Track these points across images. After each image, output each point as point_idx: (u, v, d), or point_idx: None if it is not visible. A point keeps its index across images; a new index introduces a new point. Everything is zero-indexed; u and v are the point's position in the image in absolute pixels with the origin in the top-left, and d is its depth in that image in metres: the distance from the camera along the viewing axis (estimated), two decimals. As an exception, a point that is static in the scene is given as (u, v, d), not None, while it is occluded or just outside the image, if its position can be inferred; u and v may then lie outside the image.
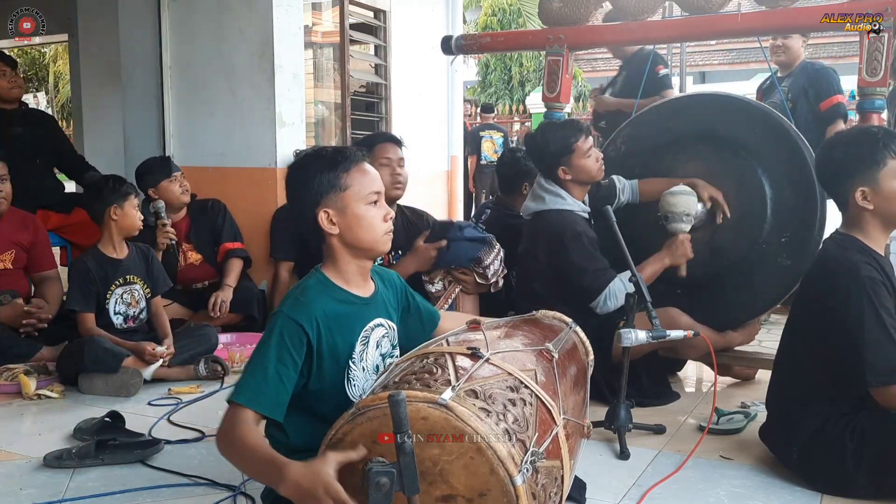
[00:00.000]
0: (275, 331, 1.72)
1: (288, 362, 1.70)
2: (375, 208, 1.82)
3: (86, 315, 3.36)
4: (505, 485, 1.43)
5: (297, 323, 1.72)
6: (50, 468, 2.42)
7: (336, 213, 1.79)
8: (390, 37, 5.81)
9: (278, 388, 1.69)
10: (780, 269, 3.07)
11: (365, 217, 1.80)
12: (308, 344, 1.73)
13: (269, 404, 1.68)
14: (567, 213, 3.11)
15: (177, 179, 4.10)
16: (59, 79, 20.66)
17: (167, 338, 3.46)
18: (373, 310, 1.88)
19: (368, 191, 1.81)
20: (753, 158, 3.14)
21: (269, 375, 1.68)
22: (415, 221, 3.41)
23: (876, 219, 2.25)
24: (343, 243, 1.82)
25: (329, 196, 1.78)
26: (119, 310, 3.47)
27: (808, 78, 4.62)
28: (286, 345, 1.70)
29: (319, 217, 1.79)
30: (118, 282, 3.46)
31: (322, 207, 1.78)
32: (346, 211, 1.79)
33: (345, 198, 1.79)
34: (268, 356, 1.69)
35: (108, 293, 3.43)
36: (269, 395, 1.68)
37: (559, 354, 1.89)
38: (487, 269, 3.19)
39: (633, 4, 3.46)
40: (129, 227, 3.47)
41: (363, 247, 1.83)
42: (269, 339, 1.71)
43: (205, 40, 4.57)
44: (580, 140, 3.09)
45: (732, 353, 3.23)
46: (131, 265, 3.50)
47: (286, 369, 1.70)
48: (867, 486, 2.15)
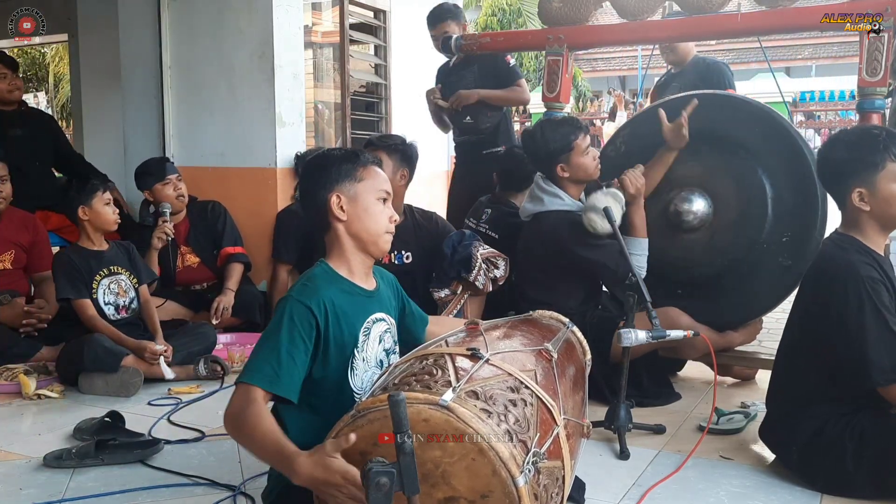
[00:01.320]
0: (285, 314, 1.73)
1: (299, 344, 1.71)
2: (384, 206, 1.89)
3: (82, 302, 3.36)
4: (507, 486, 1.43)
5: (306, 306, 1.74)
6: (50, 468, 2.42)
7: (347, 200, 1.85)
8: (390, 37, 5.80)
9: (291, 369, 1.70)
10: (781, 269, 3.07)
11: (374, 210, 1.87)
12: (317, 327, 1.74)
13: (285, 385, 1.69)
14: (566, 213, 3.10)
15: (171, 183, 4.09)
16: (59, 79, 20.64)
17: (157, 334, 3.47)
18: (375, 303, 1.90)
19: (380, 187, 1.89)
20: (753, 158, 3.14)
21: (281, 357, 1.69)
22: (424, 223, 3.40)
23: (873, 220, 2.25)
24: (348, 232, 1.86)
25: (344, 183, 1.85)
26: (108, 300, 3.47)
27: (698, 74, 4.50)
28: (297, 327, 1.72)
29: (331, 200, 1.84)
30: (102, 272, 3.47)
31: (335, 192, 1.84)
32: (357, 200, 1.85)
33: (358, 188, 1.86)
34: (279, 339, 1.71)
35: (93, 283, 3.43)
36: (283, 376, 1.69)
37: (558, 354, 1.89)
38: (476, 281, 3.17)
39: (633, 4, 3.46)
40: (102, 223, 3.49)
41: (366, 238, 1.86)
42: (280, 323, 1.72)
43: (205, 40, 4.57)
44: (579, 138, 3.10)
45: (732, 353, 3.23)
46: (113, 257, 3.53)
47: (298, 351, 1.71)
48: (867, 486, 2.16)
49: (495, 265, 3.22)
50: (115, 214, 3.54)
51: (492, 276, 3.20)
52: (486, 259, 3.20)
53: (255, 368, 1.69)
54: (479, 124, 4.36)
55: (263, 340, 1.74)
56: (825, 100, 16.22)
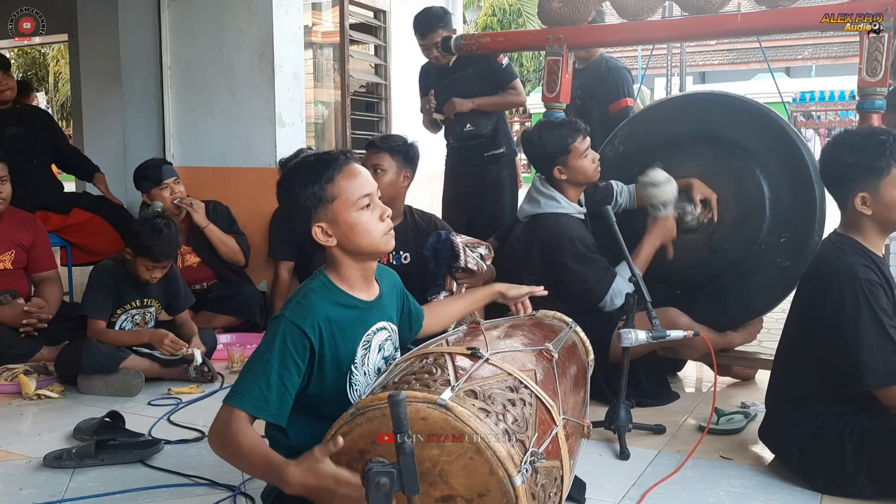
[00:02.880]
0: (277, 336, 1.69)
1: (291, 367, 1.68)
2: (369, 211, 1.78)
3: (98, 321, 3.35)
4: (504, 485, 1.43)
5: (299, 328, 1.69)
6: (50, 468, 2.42)
7: (329, 225, 1.76)
8: (390, 37, 5.81)
9: (282, 394, 1.67)
10: (779, 270, 3.07)
11: (359, 223, 1.76)
12: (311, 349, 1.71)
13: (274, 411, 1.67)
14: (563, 217, 3.10)
15: (168, 187, 4.08)
16: (59, 79, 20.67)
17: (194, 336, 3.47)
18: (376, 313, 1.86)
19: (357, 196, 1.76)
20: (752, 158, 3.14)
21: (272, 381, 1.66)
22: (423, 224, 3.40)
23: (874, 224, 2.24)
24: (343, 251, 1.80)
25: (318, 210, 1.75)
26: (125, 327, 3.48)
27: (598, 75, 4.30)
28: (289, 350, 1.68)
29: (314, 232, 1.76)
30: (135, 302, 3.47)
31: (314, 223, 1.75)
32: (339, 221, 1.75)
33: (334, 209, 1.75)
34: (270, 362, 1.67)
35: (120, 309, 3.43)
36: (273, 402, 1.66)
37: (559, 354, 1.89)
38: (468, 265, 3.15)
39: (633, 4, 3.45)
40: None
41: (363, 252, 1.80)
42: (272, 344, 1.69)
43: (205, 40, 4.58)
44: (577, 140, 3.08)
45: (732, 353, 3.23)
46: (154, 290, 3.51)
47: (289, 374, 1.68)
48: (867, 486, 2.16)
49: (477, 246, 3.22)
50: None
51: (477, 254, 3.18)
52: (466, 245, 3.19)
53: (244, 391, 1.66)
54: (480, 129, 4.30)
55: (254, 360, 1.70)
56: (825, 100, 16.24)
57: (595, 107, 4.26)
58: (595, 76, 4.32)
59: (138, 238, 3.29)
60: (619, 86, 4.27)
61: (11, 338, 3.47)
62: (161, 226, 3.31)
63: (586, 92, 4.28)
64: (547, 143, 3.10)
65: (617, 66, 4.43)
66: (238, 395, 1.66)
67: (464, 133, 4.33)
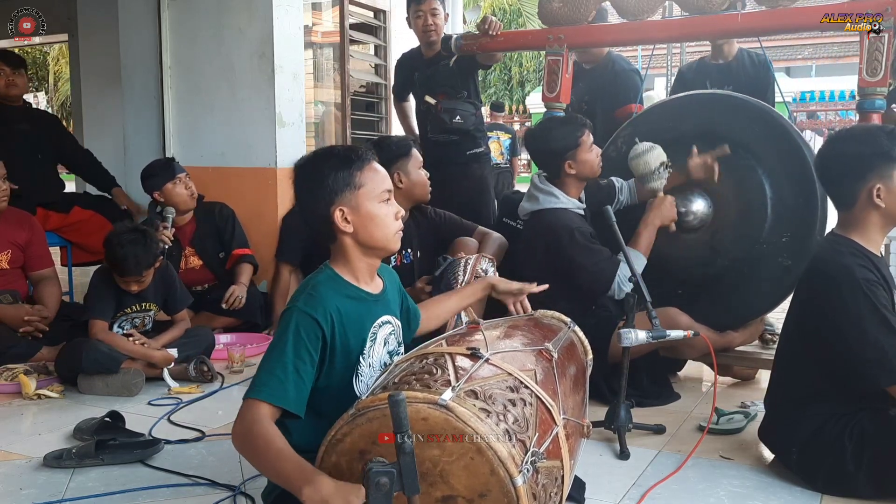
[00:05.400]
0: (290, 326, 1.71)
1: (305, 357, 1.70)
2: (387, 206, 1.84)
3: (100, 322, 3.34)
4: (505, 485, 1.43)
5: (312, 318, 1.71)
6: (50, 468, 2.41)
7: (350, 211, 1.80)
8: (390, 37, 5.81)
9: (299, 384, 1.68)
10: (781, 270, 3.07)
11: (378, 215, 1.82)
12: (323, 339, 1.73)
13: (293, 400, 1.67)
14: (562, 211, 3.12)
15: (181, 181, 4.09)
16: (59, 79, 20.66)
17: (161, 341, 3.44)
18: (381, 306, 1.89)
19: (381, 189, 1.83)
20: (753, 158, 3.15)
21: (288, 371, 1.67)
22: (420, 217, 3.41)
23: (882, 218, 2.21)
24: (356, 241, 1.82)
25: (344, 194, 1.79)
26: (124, 328, 3.48)
27: (606, 78, 4.21)
28: (303, 340, 1.70)
29: (335, 215, 1.79)
30: (134, 307, 3.47)
31: (337, 206, 1.79)
32: (360, 209, 1.80)
33: (359, 196, 1.80)
34: (285, 352, 1.69)
35: (119, 313, 3.44)
36: (291, 391, 1.67)
37: (558, 354, 1.89)
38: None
39: (633, 4, 3.46)
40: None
41: (376, 245, 1.84)
42: (286, 335, 1.70)
43: (205, 40, 4.58)
44: (584, 134, 3.14)
45: (732, 353, 3.23)
46: (151, 292, 3.51)
47: (304, 364, 1.69)
48: (867, 486, 2.15)
49: (484, 271, 3.21)
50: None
51: (481, 270, 3.16)
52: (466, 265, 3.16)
53: (263, 383, 1.67)
54: (466, 124, 4.18)
55: (269, 353, 1.72)
56: (825, 100, 16.23)
57: (600, 110, 4.16)
58: (603, 79, 4.25)
59: (108, 251, 3.30)
60: (628, 90, 4.19)
61: (11, 338, 3.47)
62: (127, 241, 3.25)
63: (594, 96, 4.21)
64: (557, 137, 3.14)
65: (626, 68, 4.35)
66: (256, 388, 1.67)
67: (450, 126, 4.15)
